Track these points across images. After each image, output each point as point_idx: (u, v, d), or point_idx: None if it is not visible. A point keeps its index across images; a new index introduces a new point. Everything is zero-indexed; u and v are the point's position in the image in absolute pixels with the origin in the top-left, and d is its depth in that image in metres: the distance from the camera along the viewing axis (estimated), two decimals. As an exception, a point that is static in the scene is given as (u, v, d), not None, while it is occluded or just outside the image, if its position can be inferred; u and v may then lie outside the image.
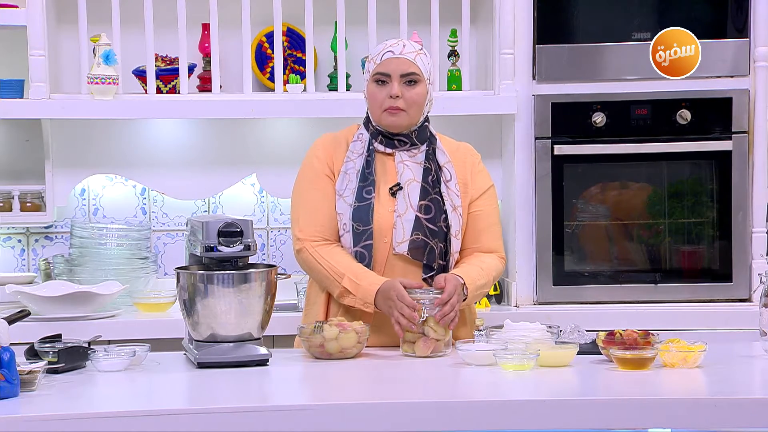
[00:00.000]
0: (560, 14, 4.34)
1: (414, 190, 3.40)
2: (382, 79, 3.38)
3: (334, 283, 3.33)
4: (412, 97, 3.38)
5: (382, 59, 3.39)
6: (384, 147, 3.44)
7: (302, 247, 3.39)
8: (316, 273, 3.38)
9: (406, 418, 2.62)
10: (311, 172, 3.45)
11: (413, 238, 3.36)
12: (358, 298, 3.30)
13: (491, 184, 3.53)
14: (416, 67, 3.38)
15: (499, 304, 4.47)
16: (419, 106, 3.40)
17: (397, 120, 3.39)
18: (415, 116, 3.41)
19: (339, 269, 3.32)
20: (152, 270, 4.49)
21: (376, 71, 3.39)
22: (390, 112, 3.38)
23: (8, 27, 4.29)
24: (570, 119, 4.32)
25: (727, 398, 2.67)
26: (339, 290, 3.32)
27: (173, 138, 4.62)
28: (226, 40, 4.49)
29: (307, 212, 3.42)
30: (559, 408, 2.65)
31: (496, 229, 3.49)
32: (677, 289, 4.34)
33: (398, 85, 3.36)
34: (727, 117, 4.31)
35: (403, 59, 3.38)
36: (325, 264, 3.34)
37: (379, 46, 3.46)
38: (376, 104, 3.40)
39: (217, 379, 2.96)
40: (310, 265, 3.38)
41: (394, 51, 3.39)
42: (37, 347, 3.05)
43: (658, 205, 4.40)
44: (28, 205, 4.46)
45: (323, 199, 3.41)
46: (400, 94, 3.36)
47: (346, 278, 3.31)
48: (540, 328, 3.19)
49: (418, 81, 3.38)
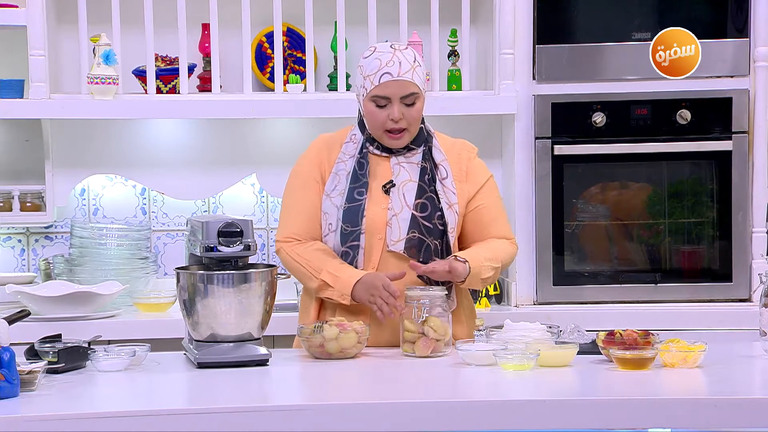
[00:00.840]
0: (560, 14, 4.34)
1: (410, 189, 3.41)
2: (382, 104, 3.35)
3: (311, 279, 3.36)
4: (413, 115, 3.36)
5: (380, 81, 3.32)
6: (380, 152, 3.44)
7: (279, 248, 3.44)
8: (294, 271, 3.42)
9: (406, 418, 2.62)
10: (297, 176, 3.48)
11: (410, 236, 3.37)
12: (336, 290, 3.32)
13: (489, 175, 3.52)
14: (414, 85, 3.34)
15: (499, 304, 4.47)
16: (419, 121, 3.40)
17: (400, 142, 3.40)
18: (415, 131, 3.41)
19: (316, 264, 3.35)
20: (152, 270, 4.49)
21: (375, 94, 3.34)
22: (391, 136, 3.38)
23: (8, 27, 4.30)
24: (570, 119, 4.33)
25: (727, 398, 2.67)
26: (317, 284, 3.35)
27: (173, 138, 4.62)
28: (226, 40, 4.49)
29: (287, 215, 3.47)
30: (559, 408, 2.65)
31: (501, 219, 3.50)
32: (677, 289, 4.34)
33: (399, 107, 3.33)
34: (727, 117, 4.31)
35: (402, 81, 3.32)
36: (301, 261, 3.38)
37: (373, 61, 3.33)
38: (377, 124, 3.38)
39: (217, 379, 2.96)
40: (287, 263, 3.43)
41: (392, 73, 3.31)
42: (37, 347, 3.05)
43: (658, 205, 4.40)
44: (28, 205, 4.46)
45: (305, 203, 3.43)
46: (402, 115, 3.34)
47: (325, 272, 3.33)
48: (540, 328, 3.19)
49: (417, 98, 3.36)
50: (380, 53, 3.35)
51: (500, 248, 3.43)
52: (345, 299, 3.31)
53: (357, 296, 3.29)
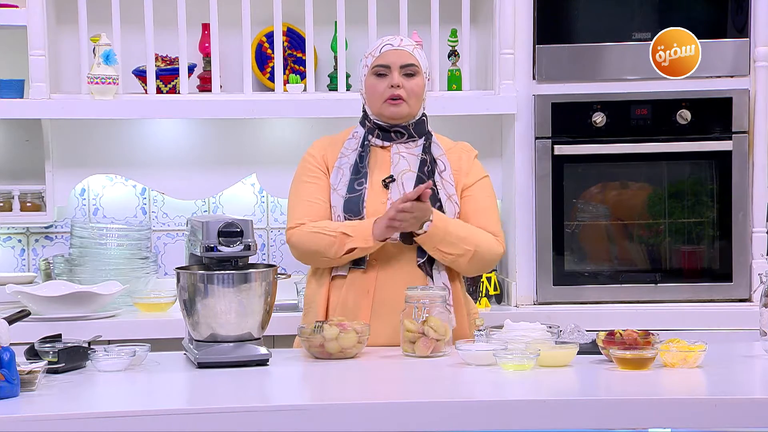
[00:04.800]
0: (560, 14, 4.34)
1: (409, 180, 3.44)
2: (382, 72, 3.46)
3: (329, 240, 3.36)
4: (411, 87, 3.45)
5: (381, 52, 3.47)
6: (381, 141, 3.49)
7: (290, 235, 3.45)
8: (310, 244, 3.40)
9: (406, 418, 2.62)
10: (302, 171, 3.53)
11: None
12: (356, 237, 3.34)
13: (485, 175, 3.57)
14: (414, 59, 3.47)
15: (499, 304, 4.47)
16: (418, 97, 3.47)
17: (399, 110, 3.45)
18: (414, 107, 3.47)
19: (331, 226, 3.38)
20: (152, 270, 4.49)
21: (376, 63, 3.47)
22: (391, 102, 3.44)
23: (8, 27, 4.29)
24: (570, 119, 4.33)
25: (727, 398, 2.67)
26: (338, 240, 3.35)
27: (173, 138, 4.62)
28: (226, 40, 4.49)
29: (295, 205, 3.50)
30: (559, 408, 2.65)
31: (489, 213, 3.50)
32: (677, 289, 4.34)
33: (398, 76, 3.44)
34: (727, 117, 4.31)
35: (402, 51, 3.47)
36: (315, 229, 3.39)
37: (375, 42, 3.57)
38: (377, 95, 3.46)
39: (217, 379, 2.96)
40: (302, 243, 3.42)
41: (392, 44, 3.48)
42: (37, 347, 3.06)
43: (658, 205, 4.40)
44: (28, 205, 4.46)
45: (316, 191, 3.47)
46: (400, 83, 3.43)
47: (342, 227, 3.36)
48: (540, 328, 3.19)
49: (416, 73, 3.47)
50: (383, 36, 3.57)
51: (480, 235, 3.43)
52: (368, 241, 3.33)
53: (377, 232, 3.32)
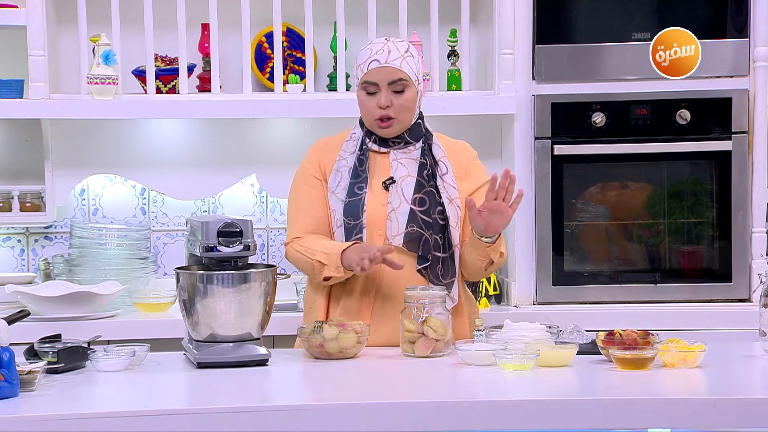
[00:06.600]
0: (560, 14, 4.34)
1: (408, 184, 3.43)
2: (371, 90, 3.39)
3: (311, 264, 3.37)
4: (401, 104, 3.39)
5: (368, 68, 3.38)
6: (378, 146, 3.47)
7: (286, 250, 3.47)
8: (299, 263, 3.43)
9: (406, 418, 2.62)
10: (299, 179, 3.52)
11: (408, 230, 3.39)
12: (330, 265, 3.33)
13: (487, 180, 3.53)
14: (403, 72, 3.37)
15: (499, 304, 4.47)
16: (409, 111, 3.42)
17: (389, 131, 3.43)
18: (406, 121, 3.43)
19: (310, 247, 3.37)
20: (152, 270, 4.49)
21: (364, 80, 3.40)
22: (380, 124, 3.40)
23: (8, 27, 4.29)
24: (570, 119, 4.32)
25: (727, 398, 2.67)
26: (316, 267, 3.35)
27: (173, 138, 4.62)
28: (226, 40, 4.49)
29: (293, 218, 3.50)
30: (559, 408, 2.65)
31: None
32: (677, 289, 4.34)
33: (386, 94, 3.37)
34: (727, 117, 4.31)
35: (389, 68, 3.37)
36: (301, 250, 3.40)
37: (365, 51, 3.42)
38: (367, 113, 3.43)
39: (217, 379, 2.96)
40: (294, 261, 3.44)
41: (379, 60, 3.37)
42: (37, 347, 3.05)
43: (658, 205, 4.40)
44: (27, 205, 4.46)
45: (309, 202, 3.46)
46: (389, 103, 3.38)
47: (318, 252, 3.35)
48: (540, 328, 3.19)
49: (406, 86, 3.39)
50: (373, 44, 3.44)
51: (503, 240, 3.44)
52: (339, 271, 3.32)
53: (347, 263, 3.30)
